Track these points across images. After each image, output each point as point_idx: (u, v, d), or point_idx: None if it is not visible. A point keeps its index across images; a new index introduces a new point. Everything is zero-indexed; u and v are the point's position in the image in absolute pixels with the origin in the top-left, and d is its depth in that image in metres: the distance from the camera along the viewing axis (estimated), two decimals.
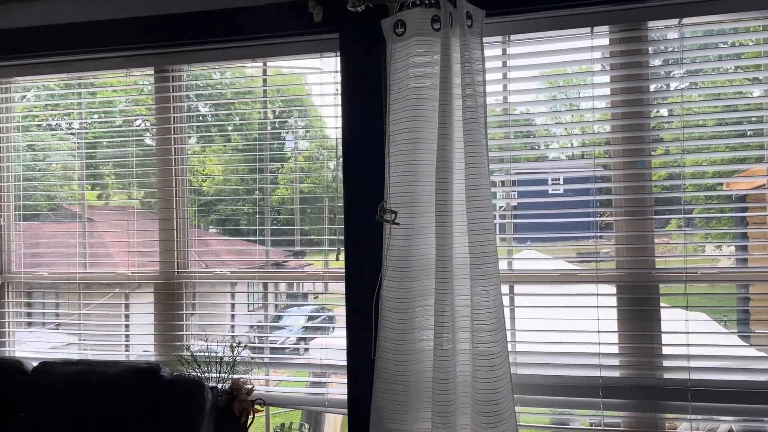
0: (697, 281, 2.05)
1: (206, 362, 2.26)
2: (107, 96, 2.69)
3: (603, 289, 2.11)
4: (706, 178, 2.13)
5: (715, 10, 1.98)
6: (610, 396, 2.06)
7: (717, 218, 2.25)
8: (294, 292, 3.25)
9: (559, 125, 2.38)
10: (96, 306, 2.64)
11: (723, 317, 2.39)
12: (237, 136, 2.58)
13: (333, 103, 2.36)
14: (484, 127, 1.95)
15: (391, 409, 1.98)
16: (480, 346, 1.87)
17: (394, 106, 2.03)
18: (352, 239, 2.21)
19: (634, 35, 2.10)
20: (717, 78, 2.11)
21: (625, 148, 2.12)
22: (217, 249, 2.76)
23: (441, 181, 1.90)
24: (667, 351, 2.08)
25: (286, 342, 3.59)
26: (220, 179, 2.62)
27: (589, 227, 2.15)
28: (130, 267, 2.57)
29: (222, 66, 2.55)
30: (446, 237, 1.89)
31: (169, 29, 2.37)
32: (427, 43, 2.00)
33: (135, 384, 2.11)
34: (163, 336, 2.52)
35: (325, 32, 2.24)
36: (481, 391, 1.85)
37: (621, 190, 2.13)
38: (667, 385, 2.03)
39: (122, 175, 2.63)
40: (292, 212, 2.56)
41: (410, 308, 1.97)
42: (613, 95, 2.14)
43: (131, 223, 2.58)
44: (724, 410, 2.02)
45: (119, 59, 2.50)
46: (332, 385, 2.42)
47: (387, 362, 1.99)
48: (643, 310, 2.09)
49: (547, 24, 2.11)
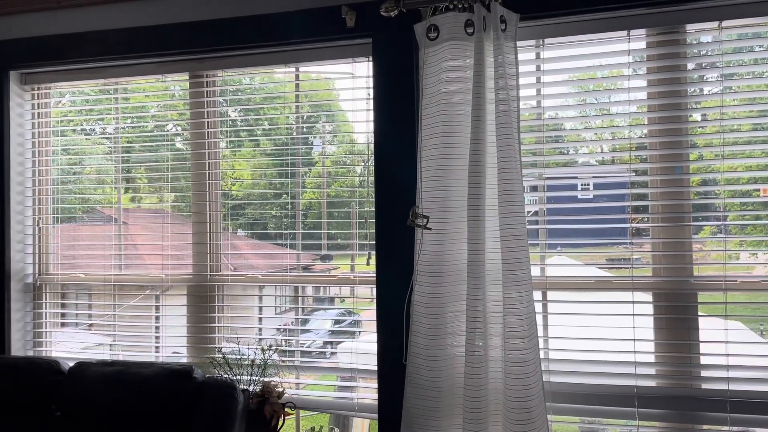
0: (736, 290, 2.00)
1: (237, 365, 2.28)
2: (140, 101, 2.73)
3: (639, 297, 2.06)
4: (742, 184, 2.08)
5: (757, 12, 1.93)
6: (646, 406, 2.02)
7: (753, 225, 2.19)
8: (321, 296, 3.26)
9: (593, 129, 2.35)
10: (128, 307, 2.68)
11: (760, 326, 2.33)
12: (266, 141, 2.60)
13: (364, 107, 2.36)
14: (517, 132, 1.94)
15: (422, 414, 1.97)
16: (512, 353, 1.85)
17: (426, 110, 2.02)
18: (383, 243, 2.21)
19: (671, 38, 2.06)
20: (754, 82, 2.06)
21: (662, 153, 2.08)
22: (246, 252, 2.79)
23: (473, 186, 1.89)
24: (705, 361, 2.03)
25: (313, 345, 3.60)
26: (249, 183, 2.64)
27: (623, 233, 2.12)
28: (164, 269, 2.61)
29: (255, 71, 2.58)
30: (479, 242, 1.88)
31: (203, 35, 2.41)
32: (461, 47, 1.99)
33: (169, 385, 2.14)
34: (195, 338, 2.54)
35: (357, 37, 2.25)
36: (513, 398, 1.83)
37: (657, 195, 2.09)
38: (706, 395, 1.98)
39: (155, 178, 2.67)
40: (319, 216, 2.57)
41: (442, 314, 1.97)
42: (649, 99, 2.11)
43: (165, 226, 2.62)
44: (764, 422, 1.97)
45: (154, 65, 2.54)
46: (359, 389, 2.42)
47: (419, 368, 1.98)
48: (681, 319, 2.04)
49: (582, 27, 2.08)
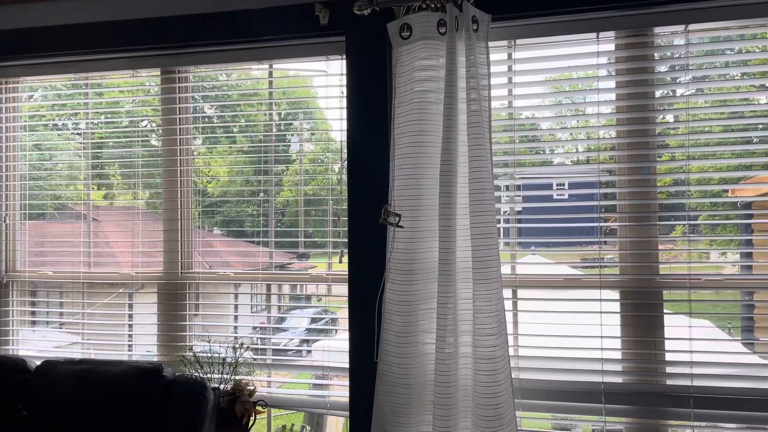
0: (700, 288, 2.05)
1: (209, 363, 2.27)
2: (114, 97, 2.70)
3: (606, 295, 2.10)
4: (710, 184, 2.13)
5: (722, 16, 1.98)
6: (613, 402, 2.06)
7: (721, 225, 2.24)
8: (297, 294, 3.26)
9: (564, 130, 2.38)
10: (100, 306, 2.65)
11: (728, 324, 2.39)
12: (242, 138, 2.59)
13: (338, 105, 2.36)
14: (488, 132, 1.96)
15: (392, 411, 1.98)
16: (482, 349, 1.87)
17: (399, 109, 2.03)
18: (355, 242, 2.21)
19: (639, 41, 2.10)
20: (723, 84, 2.10)
21: (630, 154, 2.12)
22: (220, 250, 2.77)
23: (445, 185, 1.90)
24: (670, 357, 2.07)
25: (288, 344, 3.59)
26: (225, 181, 2.63)
27: (593, 233, 2.15)
28: (134, 267, 2.58)
29: (228, 68, 2.56)
30: (449, 240, 1.89)
31: (175, 31, 2.39)
32: (433, 47, 2.00)
33: (137, 384, 2.12)
34: (165, 336, 2.52)
35: (331, 35, 2.25)
36: (482, 394, 1.85)
37: (625, 195, 2.12)
38: (670, 391, 2.03)
39: (128, 175, 2.64)
40: (296, 214, 2.57)
41: (413, 311, 1.98)
42: (618, 101, 2.14)
43: (135, 223, 2.59)
44: (727, 417, 2.01)
45: (126, 60, 2.51)
46: (334, 387, 2.42)
47: (389, 365, 1.99)
48: (647, 316, 2.08)
49: (552, 29, 2.11)
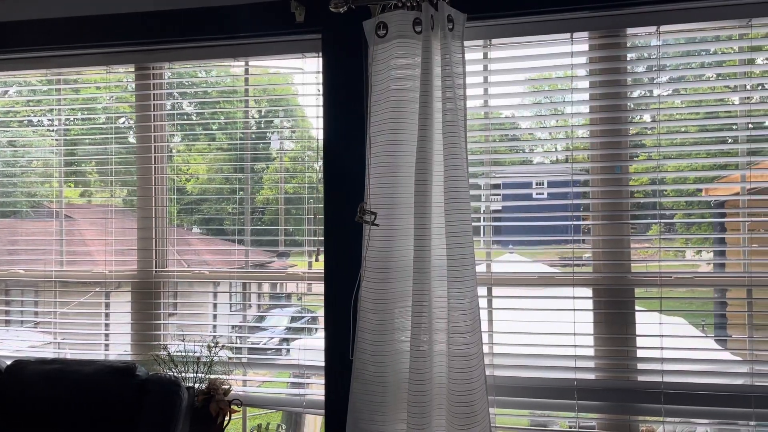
0: (671, 285, 2.08)
1: (183, 362, 2.25)
2: (90, 93, 2.66)
3: (580, 293, 2.12)
4: (681, 183, 2.16)
5: (692, 18, 2.01)
6: (585, 398, 2.08)
7: (693, 224, 2.28)
8: (276, 293, 3.24)
9: (538, 129, 2.40)
10: (76, 305, 2.61)
11: (702, 321, 2.43)
12: (222, 136, 2.57)
13: (315, 103, 2.36)
14: (463, 130, 1.97)
15: (368, 409, 1.98)
16: (456, 347, 1.88)
17: (375, 107, 2.03)
18: (331, 240, 2.21)
19: (612, 42, 2.13)
20: (695, 85, 2.14)
21: (603, 153, 2.14)
22: (199, 249, 2.75)
23: (420, 183, 1.90)
24: (641, 354, 2.10)
25: (267, 343, 3.57)
26: (205, 179, 2.61)
27: (568, 231, 2.17)
28: (108, 266, 2.55)
29: (207, 65, 2.54)
30: (425, 239, 1.90)
31: (149, 26, 2.36)
32: (409, 45, 2.00)
33: (110, 383, 2.10)
34: (140, 335, 2.50)
35: (307, 32, 2.24)
36: (456, 392, 1.86)
37: (598, 194, 2.15)
38: (641, 387, 2.05)
39: (104, 173, 2.61)
40: (276, 213, 2.56)
41: (389, 309, 1.98)
42: (591, 101, 2.16)
43: (109, 221, 2.56)
44: (698, 413, 2.05)
45: (99, 56, 2.48)
46: (312, 386, 2.42)
47: (365, 363, 1.99)
48: (619, 314, 2.11)
49: (527, 29, 2.12)
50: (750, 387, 1.99)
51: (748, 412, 1.98)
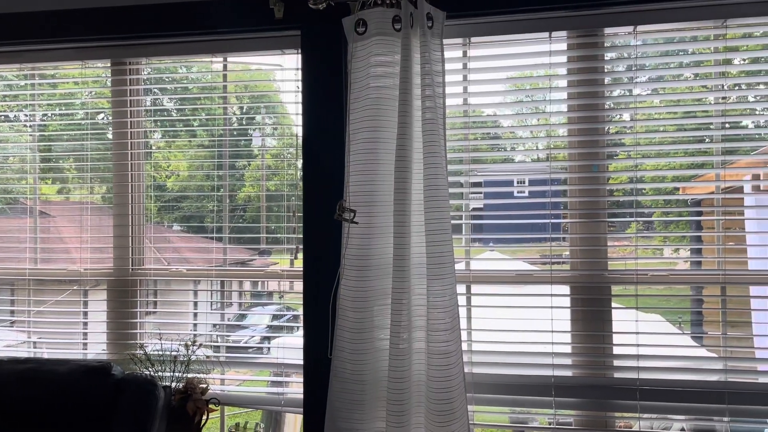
0: (647, 283, 2.10)
1: (160, 361, 2.23)
2: (67, 89, 2.62)
3: (557, 290, 2.14)
4: (659, 182, 2.18)
5: (668, 18, 2.03)
6: (563, 395, 2.10)
7: (669, 222, 2.31)
8: (257, 291, 3.23)
9: (519, 128, 2.41)
10: (53, 303, 2.57)
11: (679, 319, 2.46)
12: (202, 132, 2.54)
13: (294, 100, 2.34)
14: (443, 128, 1.97)
15: (346, 408, 1.97)
16: (435, 345, 1.88)
17: (354, 105, 2.03)
18: (311, 238, 2.20)
19: (591, 41, 2.14)
20: (672, 85, 2.16)
21: (582, 152, 2.16)
22: (178, 246, 2.73)
23: (399, 181, 1.90)
24: (617, 351, 2.12)
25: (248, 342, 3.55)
26: (185, 176, 2.58)
27: (545, 229, 2.18)
28: (83, 263, 2.52)
29: (185, 60, 2.51)
30: (404, 237, 1.90)
31: (126, 21, 2.33)
32: (388, 43, 2.00)
33: (85, 383, 2.07)
34: (116, 334, 2.47)
35: (286, 29, 2.23)
36: (435, 389, 1.86)
37: (576, 193, 2.16)
38: (617, 384, 2.08)
39: (82, 169, 2.57)
40: (258, 210, 2.54)
41: (368, 307, 1.97)
42: (570, 99, 2.18)
43: (85, 218, 2.53)
44: (673, 409, 2.07)
45: (74, 51, 2.44)
46: (292, 384, 2.41)
47: (344, 361, 1.98)
48: (596, 311, 2.13)
49: (506, 28, 2.13)
50: (724, 383, 2.02)
51: (721, 408, 2.01)
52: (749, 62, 2.15)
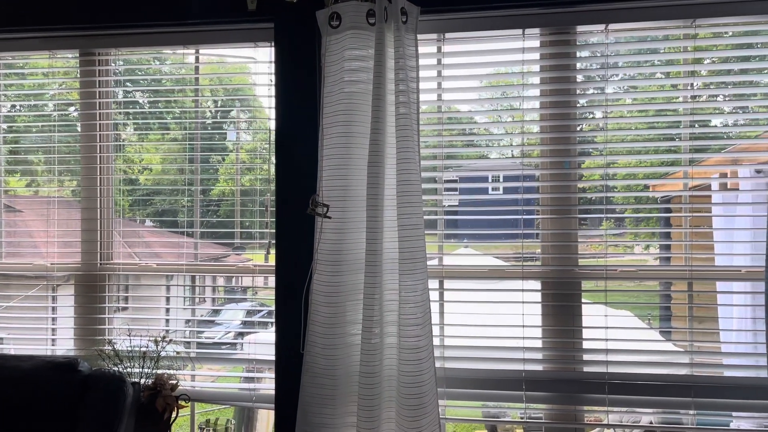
0: (617, 278, 2.13)
1: (129, 357, 2.19)
2: (35, 79, 2.56)
3: (529, 285, 2.15)
4: (630, 179, 2.21)
5: (639, 17, 2.05)
6: (534, 389, 2.11)
7: (641, 220, 2.34)
8: (230, 286, 3.19)
9: (491, 124, 2.42)
10: (22, 299, 2.52)
11: (648, 314, 2.50)
12: (175, 126, 2.50)
13: (267, 94, 2.32)
14: (416, 124, 1.97)
15: (317, 403, 1.97)
16: (406, 340, 1.88)
17: (328, 99, 2.01)
18: (283, 232, 2.18)
19: (563, 39, 2.16)
20: (642, 83, 2.19)
21: (553, 149, 2.17)
22: (149, 242, 2.69)
23: (372, 176, 1.90)
24: (587, 345, 2.14)
25: (222, 338, 3.52)
26: (158, 169, 2.54)
27: (517, 225, 2.20)
28: (50, 258, 2.46)
29: (159, 51, 2.47)
30: (377, 232, 1.89)
31: (94, 10, 2.28)
32: (363, 37, 1.99)
33: (51, 379, 2.03)
34: (84, 330, 2.42)
35: (259, 21, 2.20)
36: (406, 384, 1.87)
37: (548, 189, 2.18)
38: (586, 378, 2.10)
39: (51, 162, 2.51)
40: (232, 205, 2.51)
41: (341, 302, 1.97)
42: (542, 96, 2.19)
43: (53, 212, 2.47)
44: (641, 402, 2.10)
45: (40, 40, 2.38)
46: (264, 380, 2.39)
47: (315, 356, 1.98)
48: (566, 306, 2.15)
49: (480, 24, 2.13)
50: (690, 377, 2.06)
51: (687, 402, 2.05)
52: (719, 62, 2.19)
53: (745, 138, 2.21)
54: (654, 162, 2.24)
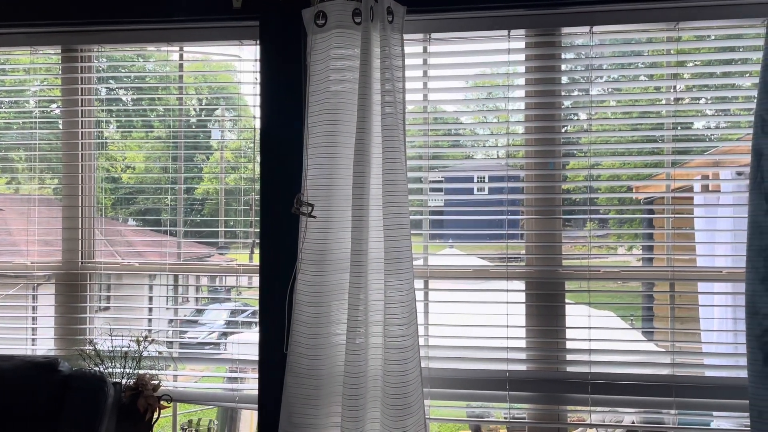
0: (600, 279, 2.14)
1: (110, 357, 2.17)
2: (17, 75, 2.52)
3: (513, 286, 2.16)
4: (611, 180, 2.23)
5: (623, 19, 2.07)
6: (517, 389, 2.12)
7: (621, 220, 2.36)
8: (213, 285, 3.17)
9: (477, 125, 2.43)
10: (2, 298, 2.48)
11: (631, 315, 2.52)
12: (159, 125, 2.48)
13: (252, 92, 2.30)
14: (402, 124, 1.96)
15: (301, 403, 1.96)
16: (392, 340, 1.88)
17: (313, 98, 2.01)
18: (268, 232, 2.17)
19: (548, 40, 2.17)
20: (627, 85, 2.21)
21: (538, 150, 2.18)
22: (131, 240, 2.66)
23: (358, 176, 1.89)
24: (570, 345, 2.15)
25: (206, 338, 3.49)
26: (142, 168, 2.51)
27: (502, 226, 2.20)
28: (30, 257, 2.43)
29: (143, 49, 2.44)
30: (362, 231, 1.89)
31: (77, 6, 2.25)
32: (348, 36, 1.99)
33: (30, 379, 2.00)
34: (65, 330, 2.39)
35: (244, 19, 2.18)
36: (391, 384, 1.86)
37: (532, 189, 2.19)
38: (570, 378, 2.11)
39: (32, 160, 2.47)
40: (216, 204, 2.49)
41: (325, 302, 1.96)
42: (527, 97, 2.20)
43: (33, 210, 2.44)
44: (623, 402, 2.12)
45: (22, 36, 2.34)
46: (248, 380, 2.37)
47: (299, 356, 1.97)
48: (550, 306, 2.16)
49: (466, 24, 2.14)
50: (671, 377, 2.08)
51: (669, 401, 2.07)
52: (702, 65, 2.21)
53: (726, 140, 2.23)
54: (637, 164, 2.25)
